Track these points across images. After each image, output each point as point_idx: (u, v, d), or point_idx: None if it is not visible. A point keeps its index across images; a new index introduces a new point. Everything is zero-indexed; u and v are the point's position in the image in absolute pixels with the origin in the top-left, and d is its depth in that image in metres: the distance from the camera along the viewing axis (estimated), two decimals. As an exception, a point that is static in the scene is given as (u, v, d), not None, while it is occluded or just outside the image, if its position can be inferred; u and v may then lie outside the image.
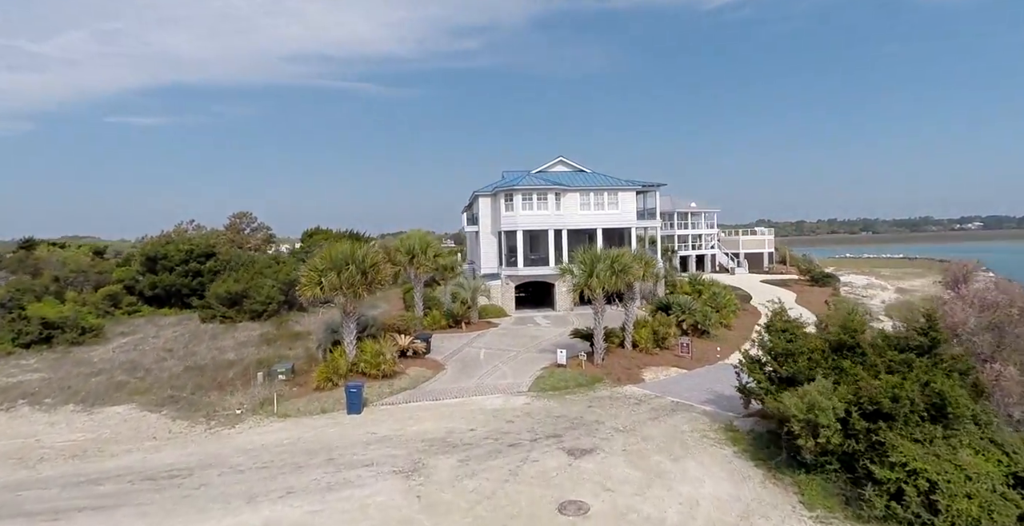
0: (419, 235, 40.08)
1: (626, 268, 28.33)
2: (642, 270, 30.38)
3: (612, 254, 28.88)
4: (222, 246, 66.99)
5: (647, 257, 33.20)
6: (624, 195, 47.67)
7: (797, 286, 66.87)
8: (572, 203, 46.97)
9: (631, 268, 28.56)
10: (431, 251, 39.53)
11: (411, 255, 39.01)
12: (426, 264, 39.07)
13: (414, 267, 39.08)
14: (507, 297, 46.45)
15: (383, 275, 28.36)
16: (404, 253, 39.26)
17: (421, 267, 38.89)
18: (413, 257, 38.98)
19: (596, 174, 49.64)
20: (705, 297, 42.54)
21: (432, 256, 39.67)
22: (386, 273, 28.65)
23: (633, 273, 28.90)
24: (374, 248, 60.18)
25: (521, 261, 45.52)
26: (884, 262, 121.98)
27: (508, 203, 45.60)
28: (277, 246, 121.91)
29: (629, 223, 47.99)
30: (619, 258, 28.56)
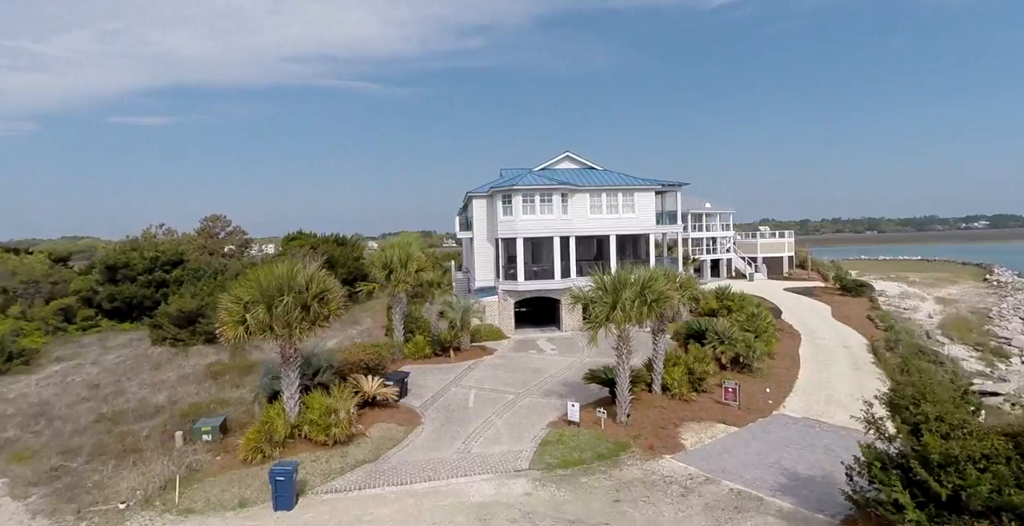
0: (400, 244, 32.67)
1: (661, 297, 20.93)
2: (680, 297, 23.02)
3: (642, 278, 21.43)
4: (192, 253, 59.71)
5: (683, 278, 25.82)
6: (641, 196, 40.21)
7: (827, 296, 59.35)
8: (581, 205, 39.53)
9: (667, 297, 21.17)
10: (413, 264, 32.09)
11: (388, 270, 31.57)
12: (406, 281, 31.63)
13: (392, 284, 31.66)
14: (505, 315, 39.06)
15: (334, 306, 20.99)
16: (380, 268, 31.83)
17: (400, 284, 31.45)
18: (391, 272, 31.53)
19: (608, 172, 42.18)
20: (740, 318, 35.09)
21: (414, 270, 32.23)
22: (337, 303, 21.26)
23: (670, 303, 21.54)
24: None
25: (521, 273, 38.12)
26: (903, 265, 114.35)
27: (506, 205, 38.20)
28: (261, 247, 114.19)
29: (647, 228, 40.55)
30: (651, 284, 21.13)
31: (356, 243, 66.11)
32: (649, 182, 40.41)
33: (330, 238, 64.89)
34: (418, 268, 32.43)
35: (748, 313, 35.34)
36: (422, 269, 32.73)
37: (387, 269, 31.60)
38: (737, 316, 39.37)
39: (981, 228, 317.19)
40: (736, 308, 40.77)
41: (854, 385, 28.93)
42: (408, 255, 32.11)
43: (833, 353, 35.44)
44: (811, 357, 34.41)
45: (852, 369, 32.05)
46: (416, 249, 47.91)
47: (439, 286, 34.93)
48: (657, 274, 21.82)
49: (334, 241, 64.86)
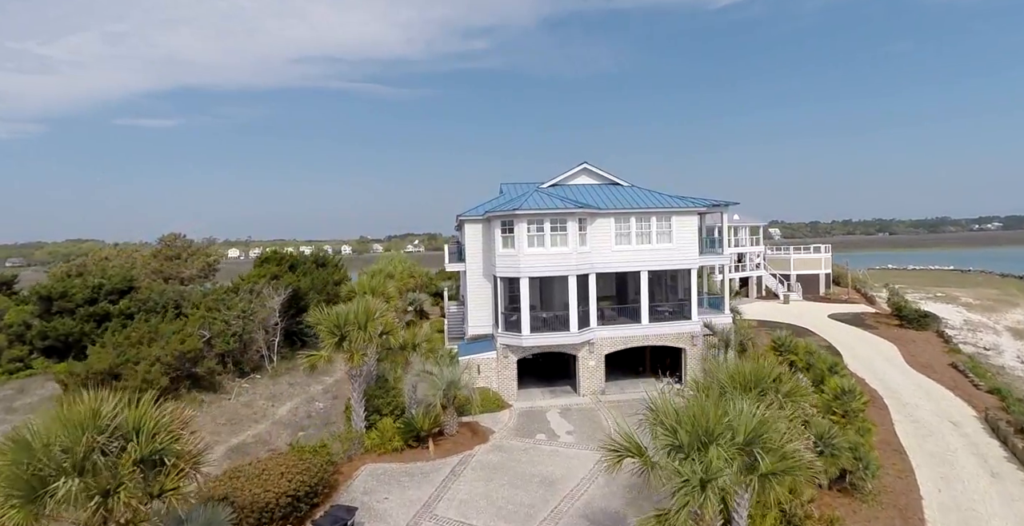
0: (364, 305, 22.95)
1: (791, 466, 11.19)
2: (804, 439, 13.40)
3: (744, 425, 11.62)
4: (146, 278, 50.44)
5: (793, 384, 16.17)
6: (681, 221, 30.61)
7: (884, 328, 49.59)
8: (604, 233, 29.98)
9: (793, 465, 11.38)
10: (374, 326, 22.48)
11: (340, 336, 22.01)
12: (363, 352, 22.08)
13: (346, 353, 22.16)
14: (505, 376, 29.56)
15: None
16: (328, 332, 22.28)
17: (355, 356, 21.87)
18: (342, 339, 21.98)
19: (637, 189, 32.55)
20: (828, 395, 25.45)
21: (378, 333, 22.68)
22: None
23: (803, 471, 11.80)
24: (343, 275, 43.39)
25: (527, 322, 28.62)
26: (937, 277, 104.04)
27: (507, 235, 28.71)
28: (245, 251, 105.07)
29: (688, 261, 30.95)
30: (764, 433, 11.41)
31: (338, 264, 56.68)
32: (691, 202, 30.78)
33: (308, 258, 55.51)
34: (384, 331, 22.86)
35: (833, 379, 25.62)
36: (389, 331, 23.15)
37: (337, 334, 22.06)
38: (808, 374, 29.79)
39: (995, 229, 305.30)
40: (801, 362, 31.18)
41: (1007, 510, 19.37)
42: (368, 314, 22.52)
43: (944, 439, 25.75)
44: (918, 447, 24.77)
45: (987, 474, 22.36)
46: (397, 277, 38.60)
47: (415, 348, 25.30)
48: (771, 419, 11.97)
49: (312, 262, 55.51)
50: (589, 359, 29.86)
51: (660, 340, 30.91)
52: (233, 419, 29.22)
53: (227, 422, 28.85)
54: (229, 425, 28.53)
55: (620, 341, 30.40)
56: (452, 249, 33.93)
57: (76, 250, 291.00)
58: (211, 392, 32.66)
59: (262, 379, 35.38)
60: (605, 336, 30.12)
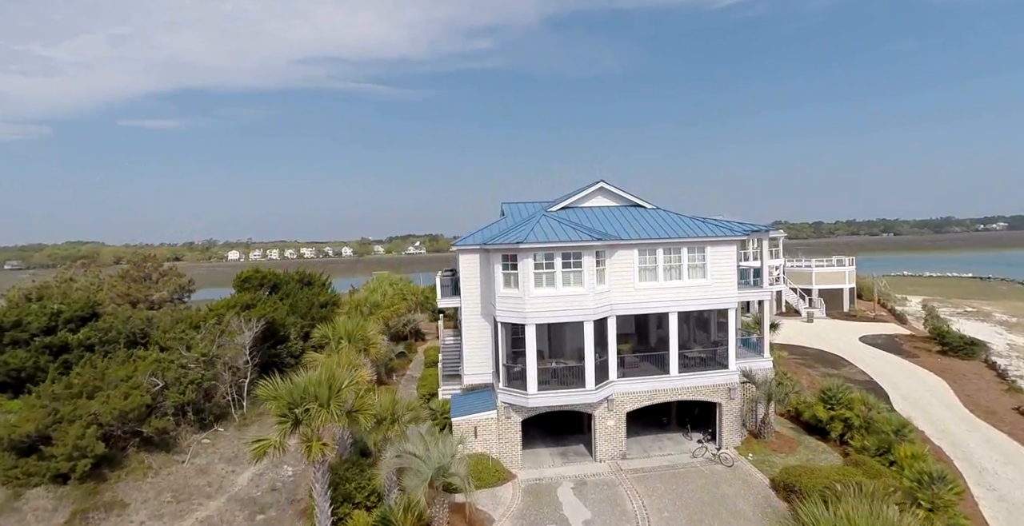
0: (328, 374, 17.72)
1: None
2: None
3: None
4: (111, 303, 45.26)
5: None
6: (717, 252, 25.40)
7: (924, 354, 44.36)
8: (625, 267, 24.77)
9: None
10: (340, 401, 17.25)
11: (292, 419, 16.78)
12: (317, 442, 16.84)
13: (303, 440, 16.95)
14: (507, 440, 24.39)
15: None
16: (279, 413, 17.05)
17: (314, 446, 16.65)
18: (297, 422, 16.75)
19: (663, 213, 27.31)
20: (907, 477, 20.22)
21: (343, 409, 17.45)
22: None
23: None
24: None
25: (533, 377, 23.44)
26: (958, 286, 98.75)
27: (509, 272, 23.53)
28: (267, 252, 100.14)
29: (726, 299, 25.72)
30: None
31: (325, 283, 51.51)
32: (728, 229, 25.55)
33: (292, 277, 50.29)
34: (353, 408, 17.65)
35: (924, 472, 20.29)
36: (360, 409, 17.91)
37: (290, 416, 16.84)
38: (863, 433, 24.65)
39: (1000, 229, 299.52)
40: (857, 420, 25.93)
41: None
42: (333, 385, 17.30)
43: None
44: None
45: None
46: (386, 305, 33.84)
47: (394, 422, 19.97)
48: None
49: (297, 280, 50.31)
50: (608, 418, 24.69)
51: (691, 394, 25.72)
52: (181, 493, 24.04)
53: (173, 497, 23.68)
54: (174, 503, 23.36)
55: (645, 396, 25.21)
56: (445, 281, 28.65)
57: (76, 252, 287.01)
58: (163, 452, 27.51)
59: (227, 431, 30.23)
60: (627, 391, 24.95)
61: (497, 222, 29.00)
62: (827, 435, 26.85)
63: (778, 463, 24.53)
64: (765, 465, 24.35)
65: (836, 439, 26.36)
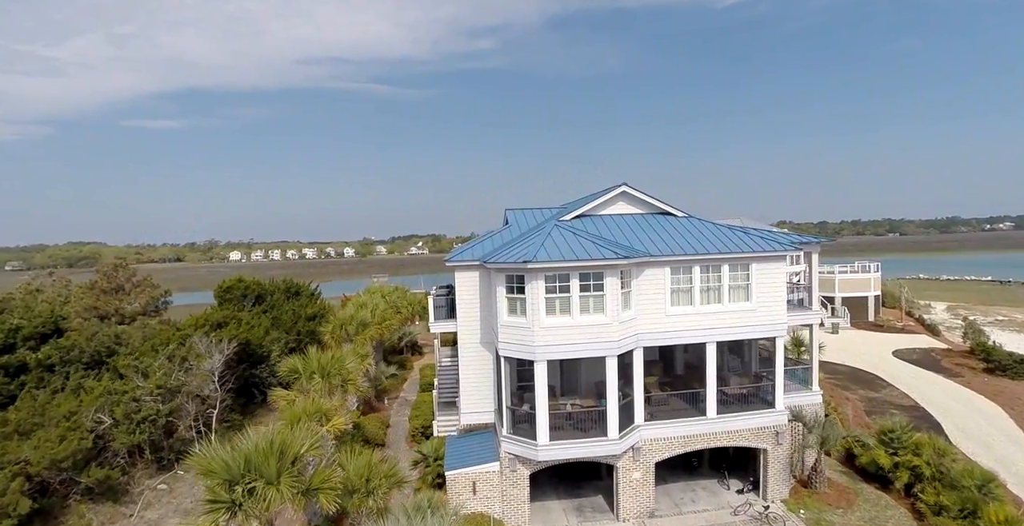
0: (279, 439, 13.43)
1: None
2: None
3: None
4: (79, 315, 41.00)
5: None
6: (763, 269, 21.04)
7: (970, 373, 39.96)
8: (654, 289, 20.43)
9: None
10: (293, 476, 12.96)
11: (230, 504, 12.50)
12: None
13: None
14: (512, 496, 20.08)
15: None
16: (218, 485, 12.77)
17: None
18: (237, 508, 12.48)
19: (697, 222, 22.92)
20: None
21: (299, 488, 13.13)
22: None
23: None
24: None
25: (544, 425, 19.12)
26: (977, 289, 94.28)
27: (514, 297, 19.21)
28: (268, 253, 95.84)
29: (774, 328, 21.33)
30: None
31: (314, 294, 47.21)
32: (777, 243, 21.18)
33: (278, 286, 46.00)
34: (311, 485, 13.33)
35: None
36: (322, 486, 13.57)
37: (226, 498, 12.55)
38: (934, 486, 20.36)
39: (1007, 229, 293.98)
40: (928, 470, 21.54)
41: None
42: (289, 452, 13.01)
43: None
44: None
45: None
46: (377, 319, 30.04)
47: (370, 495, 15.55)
48: None
49: (283, 291, 46.05)
50: (633, 470, 20.38)
51: (732, 439, 21.38)
52: (118, 562, 19.74)
53: None
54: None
55: (678, 443, 20.89)
56: (439, 301, 24.26)
57: (77, 253, 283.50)
58: (111, 501, 23.22)
59: (189, 473, 25.92)
60: (656, 437, 20.63)
61: (499, 231, 24.68)
62: (888, 483, 22.53)
63: (836, 523, 20.25)
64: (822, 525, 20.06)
65: (900, 490, 22.02)
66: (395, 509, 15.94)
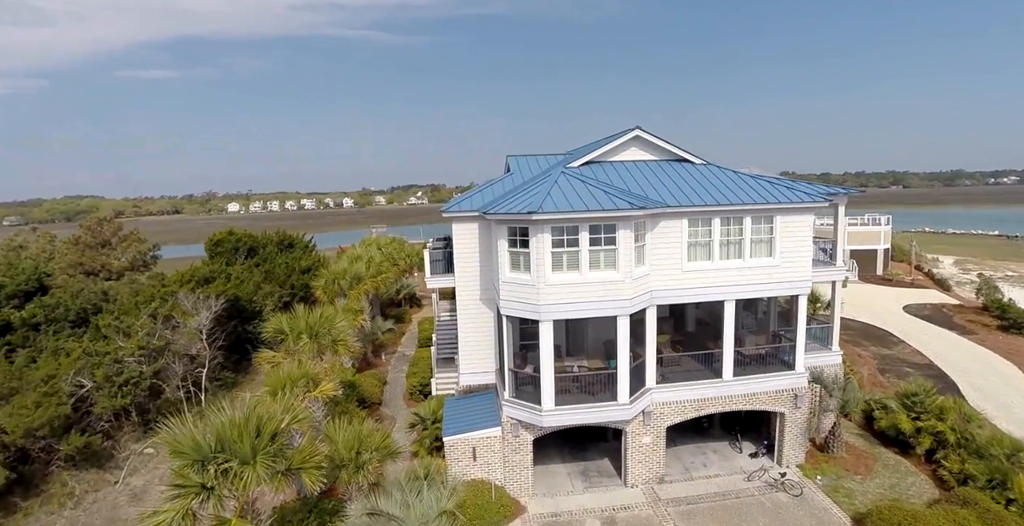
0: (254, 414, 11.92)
1: None
2: None
3: None
4: (64, 272, 39.28)
5: None
6: (788, 223, 19.22)
7: (983, 331, 38.64)
8: (670, 243, 18.66)
9: None
10: (270, 455, 11.52)
11: (202, 487, 11.08)
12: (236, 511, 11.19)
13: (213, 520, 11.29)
14: (515, 462, 18.87)
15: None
16: (187, 467, 11.33)
17: None
18: (208, 490, 11.06)
19: (717, 170, 20.95)
20: None
21: (278, 467, 11.69)
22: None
23: None
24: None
25: (549, 389, 17.69)
26: (984, 244, 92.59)
27: (517, 251, 17.45)
28: (267, 204, 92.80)
29: (798, 285, 19.70)
30: None
31: (308, 245, 45.45)
32: (804, 194, 19.28)
33: (271, 239, 44.20)
34: (292, 464, 11.88)
35: None
36: (304, 463, 12.11)
37: (196, 481, 11.14)
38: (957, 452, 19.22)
39: (1011, 183, 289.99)
40: (952, 436, 20.31)
41: None
42: (267, 429, 11.53)
43: None
44: None
45: None
46: (371, 274, 29.04)
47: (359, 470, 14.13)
48: None
49: (276, 243, 44.29)
50: (643, 435, 19.11)
51: (748, 403, 20.05)
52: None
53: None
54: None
55: (691, 407, 19.57)
56: (435, 255, 22.48)
57: (75, 207, 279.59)
58: (95, 467, 22.10)
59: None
60: (668, 401, 19.29)
61: (501, 179, 22.70)
62: (907, 448, 21.36)
63: (855, 491, 19.11)
64: (840, 494, 18.91)
65: (921, 455, 20.85)
66: (389, 480, 14.65)
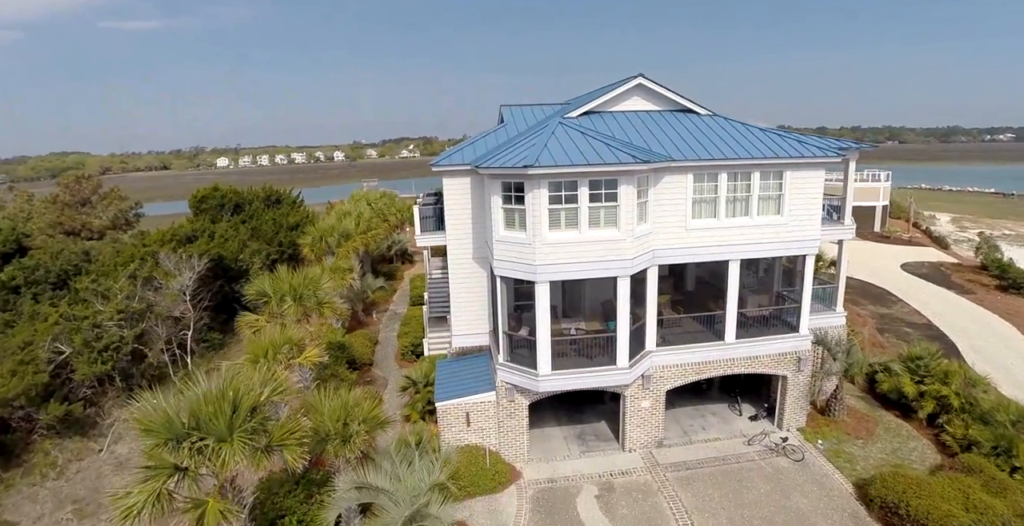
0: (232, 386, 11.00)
1: None
2: None
3: None
4: (44, 232, 37.73)
5: None
6: (798, 179, 18.11)
7: (982, 291, 38.06)
8: (675, 199, 17.55)
9: None
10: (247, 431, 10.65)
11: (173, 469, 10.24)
12: (213, 494, 10.38)
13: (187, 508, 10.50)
14: (510, 427, 18.23)
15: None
16: (160, 445, 10.46)
17: (209, 508, 10.25)
18: (182, 473, 10.24)
19: (724, 121, 19.65)
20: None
21: (256, 444, 10.85)
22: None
23: None
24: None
25: (545, 353, 16.86)
26: (982, 200, 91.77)
27: (511, 207, 16.30)
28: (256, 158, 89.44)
29: (806, 244, 18.76)
30: None
31: (296, 201, 43.98)
32: (816, 148, 18.09)
33: (257, 194, 42.64)
34: (273, 440, 11.04)
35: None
36: (285, 440, 11.26)
37: (169, 461, 10.29)
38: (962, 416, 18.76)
39: (1007, 141, 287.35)
40: (956, 400, 19.78)
41: None
42: (245, 403, 10.64)
43: None
44: None
45: None
46: (360, 230, 28.42)
47: (347, 442, 13.31)
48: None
49: (262, 198, 42.78)
50: (642, 399, 18.46)
51: (750, 366, 19.36)
52: (87, 502, 18.09)
53: (75, 512, 17.73)
54: (75, 520, 17.45)
55: (692, 371, 18.87)
56: (426, 211, 21.27)
57: (61, 164, 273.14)
58: (79, 435, 21.38)
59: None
60: (668, 364, 18.56)
61: (494, 131, 21.31)
62: (909, 411, 20.88)
63: (857, 456, 18.67)
64: (842, 459, 18.47)
65: (923, 419, 20.37)
66: (380, 448, 13.92)
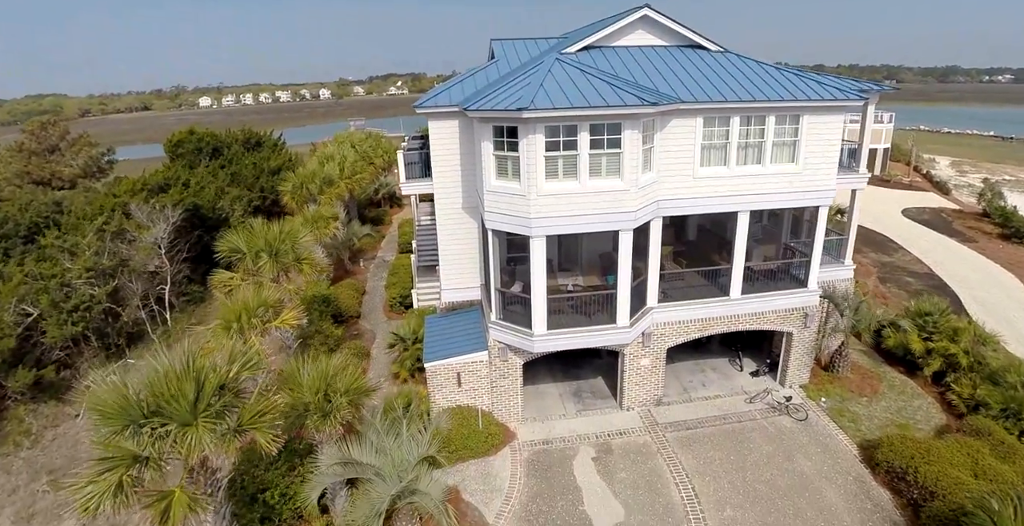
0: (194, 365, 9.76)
1: None
2: None
3: None
4: (10, 183, 35.41)
5: None
6: (816, 123, 16.53)
7: (984, 238, 37.11)
8: (682, 145, 16.01)
9: None
10: (212, 414, 9.53)
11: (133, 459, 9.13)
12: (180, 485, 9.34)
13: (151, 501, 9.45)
14: (503, 387, 17.34)
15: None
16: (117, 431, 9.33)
17: (175, 498, 9.22)
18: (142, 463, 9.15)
19: (737, 58, 17.84)
20: None
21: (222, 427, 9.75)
22: None
23: None
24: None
25: (541, 314, 15.74)
26: (981, 143, 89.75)
27: (504, 154, 14.75)
28: (241, 97, 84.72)
29: (820, 194, 17.38)
30: None
31: (277, 144, 41.73)
32: (836, 89, 16.43)
33: (236, 137, 40.35)
34: (242, 423, 9.92)
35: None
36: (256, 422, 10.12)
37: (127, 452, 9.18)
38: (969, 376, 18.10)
39: (1006, 82, 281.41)
40: (964, 359, 19.00)
41: None
42: (210, 381, 9.47)
43: None
44: None
45: None
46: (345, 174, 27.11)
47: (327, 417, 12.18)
48: None
49: (242, 142, 40.52)
50: (642, 357, 17.53)
51: (755, 322, 18.38)
52: (63, 473, 17.20)
53: (51, 483, 16.86)
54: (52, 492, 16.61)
55: (694, 328, 17.86)
56: (411, 156, 19.61)
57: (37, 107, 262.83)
58: (54, 400, 20.36)
59: (142, 361, 22.88)
60: (670, 321, 17.53)
61: (484, 67, 19.41)
62: (914, 368, 20.16)
63: (861, 415, 18.01)
64: (846, 418, 17.80)
65: (928, 377, 19.66)
66: (365, 418, 12.93)
